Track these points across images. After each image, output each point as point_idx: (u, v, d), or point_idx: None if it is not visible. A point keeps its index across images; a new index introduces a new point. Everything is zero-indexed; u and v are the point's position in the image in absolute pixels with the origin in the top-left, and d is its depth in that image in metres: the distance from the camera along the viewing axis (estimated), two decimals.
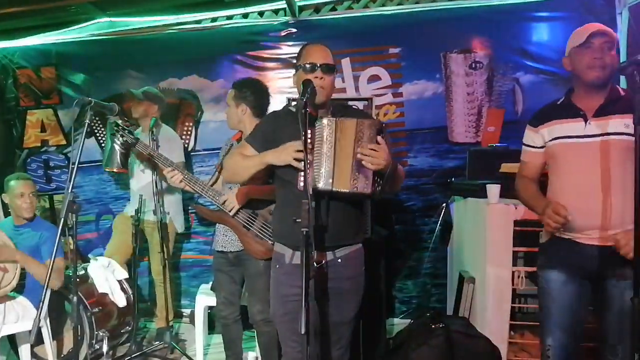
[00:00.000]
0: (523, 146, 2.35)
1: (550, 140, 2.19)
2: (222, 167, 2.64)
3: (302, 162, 1.91)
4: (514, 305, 3.13)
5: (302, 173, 1.92)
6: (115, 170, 3.41)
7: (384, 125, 2.02)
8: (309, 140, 1.90)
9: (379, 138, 1.95)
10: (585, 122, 2.10)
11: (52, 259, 2.21)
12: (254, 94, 2.89)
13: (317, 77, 2.04)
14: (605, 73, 2.06)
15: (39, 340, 3.19)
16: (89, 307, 3.37)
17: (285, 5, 4.18)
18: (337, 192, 1.94)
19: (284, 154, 1.98)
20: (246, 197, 2.75)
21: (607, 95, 2.10)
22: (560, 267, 2.17)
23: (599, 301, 2.15)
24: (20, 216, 3.31)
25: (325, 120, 1.97)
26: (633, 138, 1.97)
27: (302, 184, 1.92)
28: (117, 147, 3.36)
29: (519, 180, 2.37)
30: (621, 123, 2.05)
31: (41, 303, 2.21)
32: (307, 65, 2.07)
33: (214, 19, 4.40)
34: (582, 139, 2.10)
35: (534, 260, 2.40)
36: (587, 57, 2.07)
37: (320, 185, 1.92)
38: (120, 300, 3.63)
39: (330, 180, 1.93)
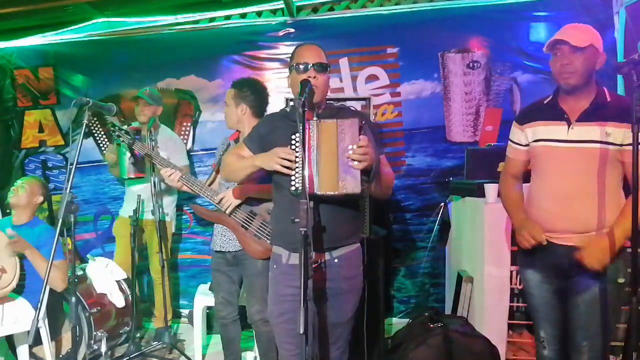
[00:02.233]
0: (509, 142, 2.41)
1: (534, 141, 2.24)
2: (219, 166, 2.64)
3: (288, 168, 1.93)
4: (512, 304, 3.13)
5: (292, 177, 1.94)
6: (133, 175, 3.40)
7: (363, 121, 2.00)
8: (299, 143, 1.90)
9: (362, 136, 1.93)
10: (568, 127, 2.13)
11: (51, 259, 2.20)
12: (254, 93, 2.89)
13: (310, 77, 2.05)
14: (577, 77, 2.08)
15: (37, 340, 3.18)
16: (87, 307, 3.36)
17: (283, 5, 4.18)
18: (323, 196, 1.93)
19: (270, 160, 1.98)
20: (242, 195, 2.76)
21: (592, 99, 2.12)
22: (536, 267, 2.28)
23: (568, 299, 2.21)
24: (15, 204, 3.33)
25: (310, 123, 1.96)
26: (613, 147, 2.07)
27: (292, 188, 1.94)
28: (131, 153, 3.35)
29: (504, 181, 2.45)
30: (603, 131, 2.08)
31: (40, 303, 2.21)
32: (300, 66, 2.08)
33: (212, 19, 4.41)
34: (563, 144, 2.14)
35: None
36: (557, 65, 2.12)
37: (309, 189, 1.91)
38: (119, 301, 3.63)
39: (315, 184, 1.91)
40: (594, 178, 2.10)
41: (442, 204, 4.05)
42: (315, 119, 2.01)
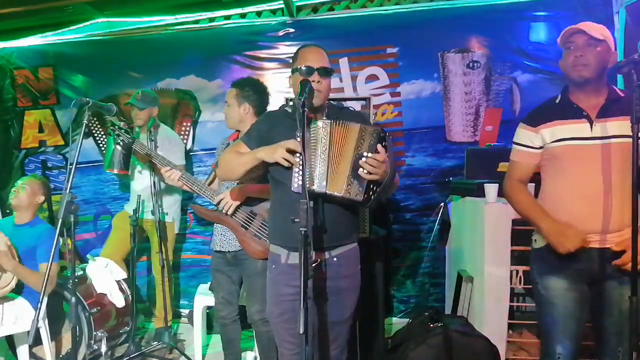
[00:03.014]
0: (515, 145, 2.28)
1: (554, 142, 2.13)
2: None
3: (292, 162, 1.93)
4: (512, 304, 3.13)
5: (295, 174, 1.94)
6: (115, 171, 3.40)
7: (387, 134, 2.00)
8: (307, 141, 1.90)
9: (379, 147, 1.94)
10: (591, 124, 2.07)
11: (50, 261, 2.20)
12: (256, 93, 2.90)
13: (314, 81, 2.05)
14: (590, 70, 2.04)
15: (37, 340, 3.18)
16: (87, 307, 3.36)
17: (283, 5, 4.19)
18: (331, 195, 1.94)
19: (276, 152, 1.97)
20: (242, 196, 2.75)
21: (607, 95, 2.08)
22: (561, 274, 2.12)
23: (598, 303, 2.13)
24: (17, 206, 3.32)
25: (320, 123, 1.97)
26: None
27: (295, 185, 1.93)
28: (118, 149, 3.35)
29: (512, 185, 2.29)
30: (627, 126, 1.98)
31: (39, 303, 2.21)
32: (304, 69, 2.07)
33: (211, 19, 4.41)
34: (588, 141, 2.07)
35: None
36: (570, 57, 2.08)
37: (315, 187, 1.93)
38: (119, 301, 3.63)
39: (324, 183, 1.93)
40: (624, 173, 2.01)
41: (442, 204, 4.06)
42: (325, 119, 2.03)
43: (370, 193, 1.96)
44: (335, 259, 2.08)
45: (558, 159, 2.14)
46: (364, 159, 1.92)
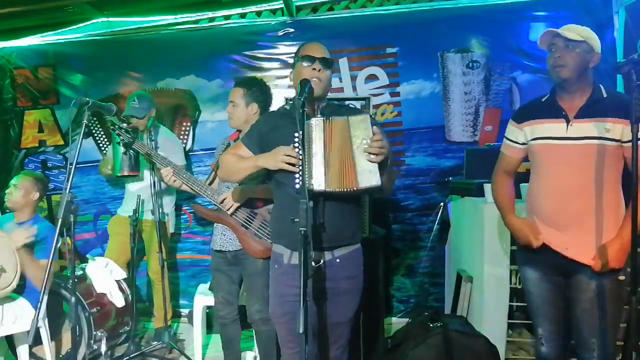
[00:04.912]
0: (505, 139, 2.42)
1: (532, 140, 2.25)
2: (218, 165, 2.64)
3: (294, 166, 1.93)
4: (511, 304, 3.13)
5: (297, 175, 1.94)
6: (126, 173, 3.38)
7: (373, 117, 2.03)
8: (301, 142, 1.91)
9: (375, 128, 1.96)
10: (567, 124, 2.14)
11: (51, 259, 2.20)
12: (264, 93, 2.91)
13: (314, 69, 2.06)
14: (570, 71, 2.10)
15: (37, 340, 3.18)
16: (87, 307, 3.36)
17: (283, 5, 4.19)
18: (342, 192, 1.93)
19: (275, 159, 1.98)
20: (243, 198, 2.76)
21: (589, 95, 2.14)
22: (535, 266, 2.29)
23: (570, 293, 2.22)
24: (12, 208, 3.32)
25: (313, 121, 1.97)
26: (613, 142, 2.07)
27: (297, 186, 1.93)
28: (125, 150, 3.33)
29: (497, 177, 2.46)
30: (601, 127, 2.08)
31: (39, 303, 2.21)
32: (306, 58, 2.09)
33: (211, 19, 4.41)
34: (562, 141, 2.14)
35: None
36: (551, 59, 2.16)
37: (315, 187, 1.92)
38: (119, 300, 3.63)
39: (323, 181, 1.92)
40: (592, 174, 2.10)
41: (442, 203, 4.06)
42: (319, 116, 2.03)
43: (382, 174, 1.96)
44: (337, 260, 2.08)
45: (535, 157, 2.27)
46: (365, 145, 1.92)
